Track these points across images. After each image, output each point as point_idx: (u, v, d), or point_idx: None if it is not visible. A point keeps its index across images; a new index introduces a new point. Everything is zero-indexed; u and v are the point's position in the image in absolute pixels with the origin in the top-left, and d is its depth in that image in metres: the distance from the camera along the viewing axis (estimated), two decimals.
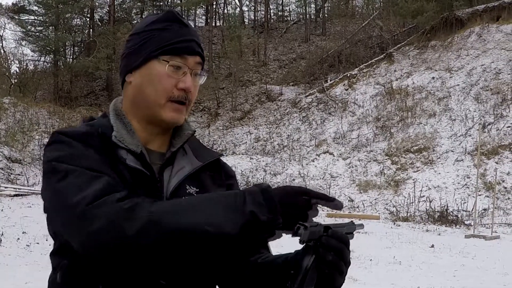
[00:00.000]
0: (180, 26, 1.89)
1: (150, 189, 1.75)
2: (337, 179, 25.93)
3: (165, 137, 1.92)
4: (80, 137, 1.72)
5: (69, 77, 40.17)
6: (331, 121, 30.65)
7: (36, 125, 30.06)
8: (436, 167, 24.20)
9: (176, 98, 1.82)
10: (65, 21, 42.06)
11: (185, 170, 1.86)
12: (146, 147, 1.85)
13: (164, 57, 1.82)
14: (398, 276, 11.08)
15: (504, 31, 30.44)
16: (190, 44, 1.86)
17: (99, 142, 1.75)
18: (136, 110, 1.88)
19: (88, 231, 1.52)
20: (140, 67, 1.85)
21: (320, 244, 1.61)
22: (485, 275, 11.48)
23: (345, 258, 1.64)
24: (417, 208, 21.81)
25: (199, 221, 1.52)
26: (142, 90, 1.85)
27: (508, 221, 19.81)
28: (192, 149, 1.95)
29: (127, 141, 1.78)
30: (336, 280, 1.65)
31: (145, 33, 1.88)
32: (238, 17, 45.81)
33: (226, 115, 35.00)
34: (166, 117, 1.83)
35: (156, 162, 1.84)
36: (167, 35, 1.85)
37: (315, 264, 1.60)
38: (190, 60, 1.85)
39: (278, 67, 42.39)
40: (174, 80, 1.82)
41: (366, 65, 34.03)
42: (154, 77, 1.82)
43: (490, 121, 25.18)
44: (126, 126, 1.84)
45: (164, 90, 1.81)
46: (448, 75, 29.32)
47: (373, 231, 17.09)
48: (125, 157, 1.75)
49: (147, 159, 1.80)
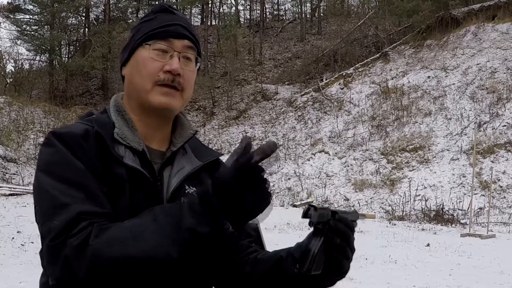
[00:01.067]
0: (166, 14, 1.88)
1: (148, 189, 1.73)
2: (333, 178, 25.92)
3: (164, 133, 1.89)
4: (71, 140, 1.67)
5: (64, 76, 40.13)
6: (326, 120, 30.63)
7: (31, 124, 30.04)
8: (432, 166, 24.20)
9: (163, 81, 1.78)
10: (60, 20, 42.03)
11: (185, 170, 1.84)
12: (147, 145, 1.82)
13: (146, 42, 1.81)
14: (394, 275, 11.06)
15: (500, 30, 30.45)
16: (174, 27, 1.84)
17: (94, 141, 1.71)
18: (131, 102, 1.86)
19: (51, 271, 1.54)
20: (130, 59, 1.85)
21: (329, 227, 1.62)
22: (480, 274, 11.47)
23: (351, 243, 1.67)
24: (413, 207, 21.82)
25: (141, 249, 1.47)
26: (131, 80, 1.84)
27: (503, 220, 19.83)
28: (192, 148, 1.93)
29: (129, 138, 1.76)
30: (343, 264, 1.67)
31: (136, 28, 1.89)
32: (233, 16, 45.72)
33: (221, 114, 34.97)
34: (154, 101, 1.78)
35: (156, 161, 1.81)
36: (152, 24, 1.85)
37: (323, 247, 1.62)
38: (176, 43, 1.82)
39: (273, 66, 42.38)
40: (160, 63, 1.79)
41: (362, 64, 34.02)
42: (139, 63, 1.81)
43: (486, 120, 25.19)
44: (128, 123, 1.81)
45: (149, 74, 1.78)
46: (443, 74, 29.32)
47: (368, 230, 17.09)
48: (123, 155, 1.72)
49: (148, 157, 1.77)
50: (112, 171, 1.68)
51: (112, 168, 1.69)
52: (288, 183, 26.27)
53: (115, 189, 1.67)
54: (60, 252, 1.49)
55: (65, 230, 1.51)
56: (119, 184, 1.68)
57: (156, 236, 1.48)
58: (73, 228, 1.51)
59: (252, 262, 1.84)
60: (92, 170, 1.64)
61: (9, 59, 44.58)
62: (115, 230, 1.52)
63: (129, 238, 1.49)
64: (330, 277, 1.70)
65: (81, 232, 1.50)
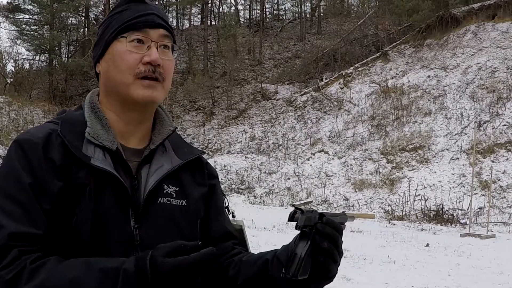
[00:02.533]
0: (137, 4, 1.81)
1: (119, 189, 1.67)
2: (332, 178, 25.88)
3: (144, 130, 1.83)
4: (30, 149, 1.62)
5: (64, 76, 40.17)
6: (326, 120, 30.61)
7: (31, 124, 30.05)
8: (432, 166, 24.15)
9: (144, 74, 1.72)
10: (60, 20, 42.10)
11: (164, 168, 1.78)
12: (122, 144, 1.75)
13: (122, 35, 1.75)
14: (393, 276, 11.01)
15: (500, 29, 30.40)
16: (149, 17, 1.78)
17: (59, 145, 1.65)
18: (110, 99, 1.79)
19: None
20: (104, 54, 1.78)
21: (316, 230, 1.59)
22: (480, 274, 11.42)
23: (339, 247, 1.64)
24: (412, 207, 21.77)
25: None
26: (109, 75, 1.77)
27: (503, 220, 19.77)
28: (173, 146, 1.87)
29: (102, 137, 1.70)
30: (331, 268, 1.63)
31: (107, 20, 1.82)
32: (233, 16, 45.77)
33: (221, 114, 34.96)
34: (137, 96, 1.72)
35: (132, 160, 1.75)
36: (125, 15, 1.79)
37: (310, 252, 1.59)
38: (152, 33, 1.76)
39: (273, 66, 42.38)
40: (138, 55, 1.73)
41: (362, 63, 33.99)
42: (117, 57, 1.74)
43: (486, 120, 25.14)
44: (101, 121, 1.75)
45: (128, 68, 1.72)
46: (443, 73, 29.28)
47: (368, 230, 17.04)
48: (91, 155, 1.66)
49: (123, 156, 1.71)
50: (72, 177, 1.62)
51: (73, 173, 1.63)
52: (287, 183, 26.22)
53: (75, 194, 1.61)
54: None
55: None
56: (79, 188, 1.62)
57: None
58: (4, 258, 1.48)
59: (236, 264, 1.81)
60: (40, 184, 1.59)
61: (9, 59, 44.70)
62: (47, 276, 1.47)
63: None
64: (317, 281, 1.66)
65: (12, 265, 1.46)
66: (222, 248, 1.85)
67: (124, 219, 1.66)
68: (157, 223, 1.71)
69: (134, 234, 1.67)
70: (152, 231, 1.70)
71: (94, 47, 1.85)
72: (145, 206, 1.71)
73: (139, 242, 1.67)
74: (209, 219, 1.89)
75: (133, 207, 1.69)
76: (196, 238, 1.79)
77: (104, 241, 1.61)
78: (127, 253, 1.60)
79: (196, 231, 1.82)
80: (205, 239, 1.81)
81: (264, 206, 23.41)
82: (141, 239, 1.67)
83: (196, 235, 1.81)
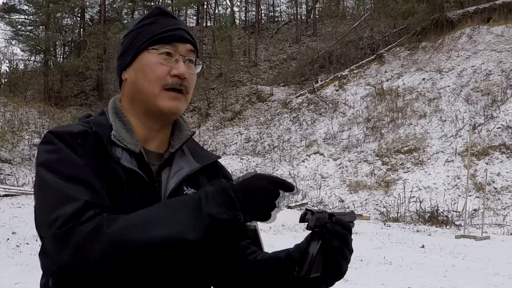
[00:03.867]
0: (167, 18, 1.90)
1: (145, 190, 1.74)
2: (328, 179, 25.93)
3: (164, 136, 1.90)
4: (71, 138, 1.69)
5: (59, 76, 40.01)
6: (321, 121, 30.66)
7: (26, 125, 29.96)
8: (427, 168, 24.23)
9: (171, 86, 1.79)
10: (55, 20, 41.90)
11: (183, 171, 1.85)
12: (144, 147, 1.83)
13: (153, 47, 1.82)
14: (389, 277, 11.06)
15: (495, 32, 30.52)
16: (178, 32, 1.86)
17: (93, 141, 1.72)
18: (135, 106, 1.86)
19: (59, 261, 1.53)
20: (132, 63, 1.85)
21: (326, 230, 1.67)
22: (475, 276, 11.48)
23: (349, 244, 1.72)
24: (408, 209, 21.84)
25: (159, 234, 1.49)
26: (136, 84, 1.83)
27: (498, 221, 19.87)
28: (190, 151, 1.94)
29: (126, 140, 1.77)
30: (342, 266, 1.72)
31: (135, 30, 1.89)
32: (229, 18, 45.71)
33: (216, 116, 34.96)
34: (164, 107, 1.80)
35: (154, 163, 1.82)
36: (155, 28, 1.86)
37: (321, 250, 1.66)
38: (180, 47, 1.84)
39: (268, 67, 42.40)
40: (167, 67, 1.80)
41: (357, 66, 34.07)
42: (146, 67, 1.81)
43: (481, 122, 25.24)
44: (125, 125, 1.82)
45: (157, 79, 1.79)
46: (438, 76, 29.38)
47: (363, 232, 17.10)
48: (120, 156, 1.73)
49: (145, 159, 1.78)
50: (112, 171, 1.69)
51: (111, 167, 1.70)
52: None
53: (115, 188, 1.68)
54: (69, 239, 1.50)
55: (73, 217, 1.52)
56: (119, 183, 1.68)
57: (173, 221, 1.51)
58: (82, 216, 1.52)
59: (251, 263, 1.87)
60: (92, 167, 1.66)
61: (4, 59, 44.45)
62: (127, 218, 1.54)
63: (145, 223, 1.51)
64: (329, 278, 1.74)
65: (91, 220, 1.51)
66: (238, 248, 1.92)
67: None
68: None
69: None
70: None
71: (121, 55, 1.90)
72: None
73: None
74: None
75: None
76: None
77: None
78: None
79: None
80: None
81: None
82: None
83: None
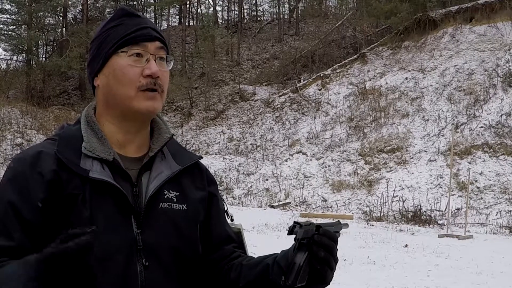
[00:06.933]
0: (132, 18, 1.89)
1: (119, 198, 1.74)
2: (311, 179, 25.91)
3: (143, 138, 1.90)
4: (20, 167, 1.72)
5: (41, 76, 39.80)
6: (304, 121, 30.63)
7: (8, 125, 29.78)
8: (409, 167, 24.27)
9: (146, 86, 1.80)
10: (38, 20, 41.71)
11: (164, 174, 1.87)
12: (121, 154, 1.83)
13: (122, 50, 1.82)
14: (372, 276, 11.04)
15: (477, 32, 30.63)
16: (145, 31, 1.86)
17: (53, 160, 1.72)
18: (110, 111, 1.86)
19: None
20: (103, 68, 1.85)
21: (313, 241, 1.71)
22: (459, 275, 11.49)
23: (334, 255, 1.76)
24: (391, 208, 21.85)
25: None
26: (110, 89, 1.83)
27: (481, 220, 19.91)
28: (171, 153, 1.95)
29: (98, 150, 1.78)
30: (327, 275, 1.75)
31: (101, 35, 1.88)
32: (211, 17, 45.65)
33: (199, 115, 34.85)
34: (140, 107, 1.80)
35: (132, 168, 1.83)
36: (121, 30, 1.85)
37: (307, 261, 1.71)
38: (150, 46, 1.84)
39: (251, 67, 42.36)
40: (138, 69, 1.80)
41: (340, 65, 34.06)
42: (118, 71, 1.81)
43: (463, 122, 25.31)
44: (97, 134, 1.82)
45: (130, 81, 1.79)
46: (421, 75, 29.45)
47: (346, 231, 17.03)
48: (90, 168, 1.73)
49: (121, 165, 1.79)
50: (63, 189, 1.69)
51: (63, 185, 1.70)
52: (266, 184, 26.22)
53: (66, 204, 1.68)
54: None
55: None
56: (70, 198, 1.69)
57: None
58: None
59: (237, 268, 1.91)
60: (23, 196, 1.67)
61: None
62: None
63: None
64: (315, 286, 1.77)
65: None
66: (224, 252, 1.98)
67: (126, 225, 1.75)
68: (159, 228, 1.80)
69: (137, 239, 1.75)
70: (155, 235, 1.78)
71: (90, 62, 1.91)
72: (146, 211, 1.79)
73: (142, 247, 1.75)
74: (211, 224, 1.98)
75: (135, 213, 1.77)
76: (196, 240, 1.89)
77: (106, 246, 1.66)
78: (131, 257, 1.72)
79: (196, 234, 1.91)
80: (207, 243, 1.95)
81: (243, 207, 23.37)
82: (144, 243, 1.76)
83: (196, 237, 1.90)
